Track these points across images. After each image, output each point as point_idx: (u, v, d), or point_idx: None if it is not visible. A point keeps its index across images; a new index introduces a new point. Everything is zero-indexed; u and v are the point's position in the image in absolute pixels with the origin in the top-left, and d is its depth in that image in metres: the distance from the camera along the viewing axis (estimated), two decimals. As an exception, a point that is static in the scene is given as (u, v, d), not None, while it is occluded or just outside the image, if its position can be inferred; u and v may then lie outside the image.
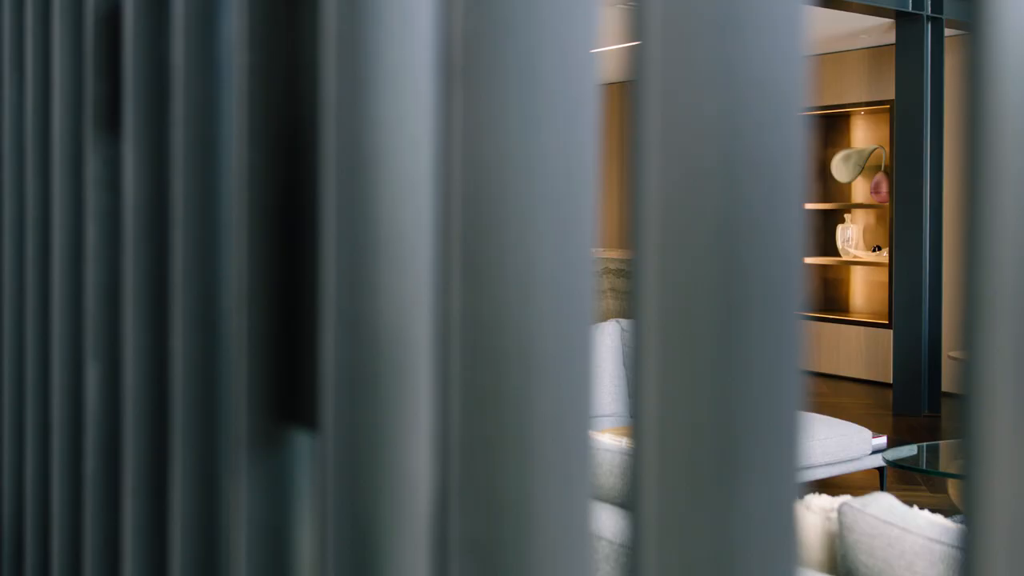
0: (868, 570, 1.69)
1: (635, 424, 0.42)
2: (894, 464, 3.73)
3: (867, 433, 4.49)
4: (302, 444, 0.62)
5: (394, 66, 0.50)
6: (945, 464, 3.86)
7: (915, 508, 1.79)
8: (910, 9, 6.65)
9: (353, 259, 0.52)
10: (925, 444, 4.30)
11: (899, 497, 5.03)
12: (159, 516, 0.73)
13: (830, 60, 8.42)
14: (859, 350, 8.19)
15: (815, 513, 1.86)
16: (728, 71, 0.38)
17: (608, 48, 8.73)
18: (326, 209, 0.52)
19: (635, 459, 0.40)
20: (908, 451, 4.37)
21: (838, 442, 4.37)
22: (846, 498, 1.79)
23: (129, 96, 0.74)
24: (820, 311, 8.80)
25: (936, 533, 1.63)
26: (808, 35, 0.44)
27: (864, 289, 8.79)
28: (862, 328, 8.19)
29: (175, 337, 0.70)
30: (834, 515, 1.80)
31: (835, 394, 7.63)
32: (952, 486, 3.70)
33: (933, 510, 4.70)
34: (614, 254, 7.63)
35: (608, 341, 4.59)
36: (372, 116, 0.51)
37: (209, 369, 0.68)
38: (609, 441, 2.26)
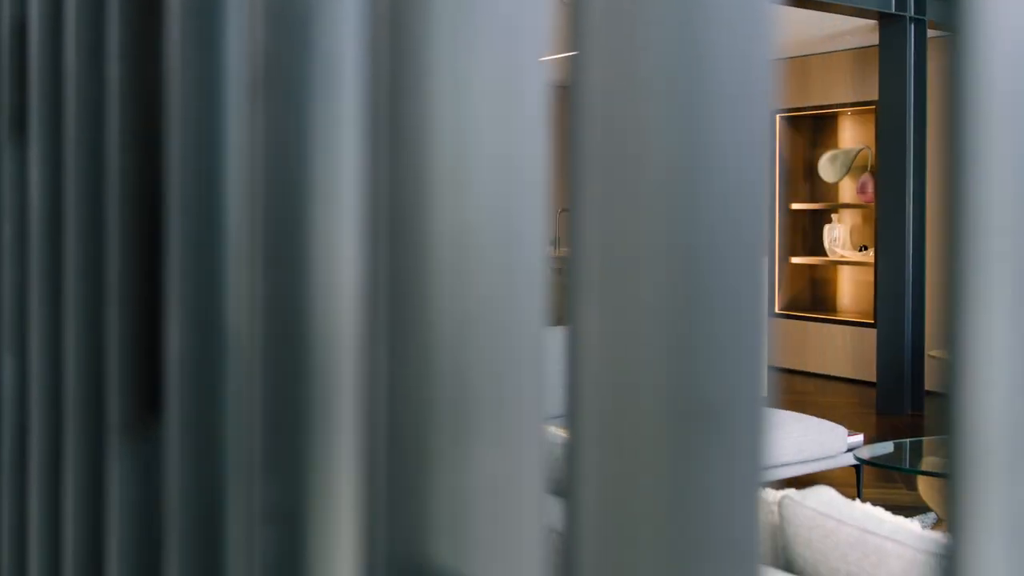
0: (805, 561, 1.73)
1: (572, 417, 0.38)
2: (864, 462, 3.77)
3: (842, 431, 4.53)
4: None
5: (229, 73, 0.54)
6: (915, 462, 3.91)
7: (856, 502, 1.83)
8: (893, 10, 6.69)
9: (198, 256, 0.56)
10: (898, 441, 4.34)
11: (875, 494, 5.08)
12: (57, 502, 0.78)
13: (817, 61, 8.47)
14: (845, 349, 8.24)
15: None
16: (680, 78, 0.36)
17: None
18: (172, 209, 0.56)
19: (572, 450, 0.39)
20: (883, 449, 4.41)
21: (813, 440, 4.41)
22: (788, 492, 1.83)
23: (32, 103, 0.79)
24: (807, 311, 8.85)
25: (870, 525, 1.67)
26: (777, 37, 0.41)
27: (851, 289, 8.83)
28: (848, 328, 8.24)
29: (68, 330, 0.74)
30: (776, 508, 1.84)
31: (821, 393, 7.67)
32: (921, 483, 3.74)
33: (908, 507, 4.76)
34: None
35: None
36: (213, 120, 0.55)
37: (96, 361, 0.72)
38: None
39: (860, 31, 7.43)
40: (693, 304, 0.37)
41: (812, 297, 9.04)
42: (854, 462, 4.27)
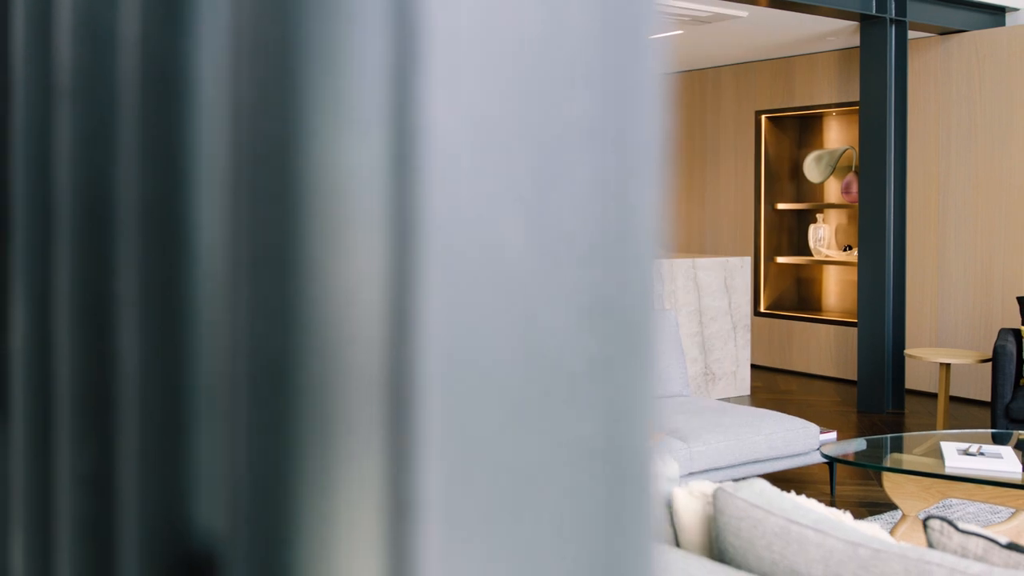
0: (735, 550, 1.78)
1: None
2: (830, 458, 3.82)
3: (814, 428, 4.58)
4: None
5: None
6: (882, 459, 3.95)
7: (790, 494, 1.88)
8: (873, 12, 6.74)
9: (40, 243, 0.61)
10: (871, 438, 4.38)
11: (848, 491, 5.10)
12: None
13: (801, 62, 8.51)
14: (829, 348, 8.28)
15: (696, 498, 1.94)
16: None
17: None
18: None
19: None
20: (856, 446, 4.46)
21: (784, 437, 4.46)
22: (723, 484, 1.88)
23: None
24: (793, 310, 8.89)
25: (796, 516, 1.72)
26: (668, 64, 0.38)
27: (836, 288, 8.89)
28: (832, 327, 8.28)
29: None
30: (711, 500, 1.89)
31: (804, 392, 7.72)
32: (886, 479, 3.79)
33: (882, 503, 4.77)
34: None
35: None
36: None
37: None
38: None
39: (843, 32, 7.48)
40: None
41: (798, 296, 9.09)
42: (822, 459, 4.31)
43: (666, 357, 4.96)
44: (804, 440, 4.51)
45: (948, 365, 5.95)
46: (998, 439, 4.29)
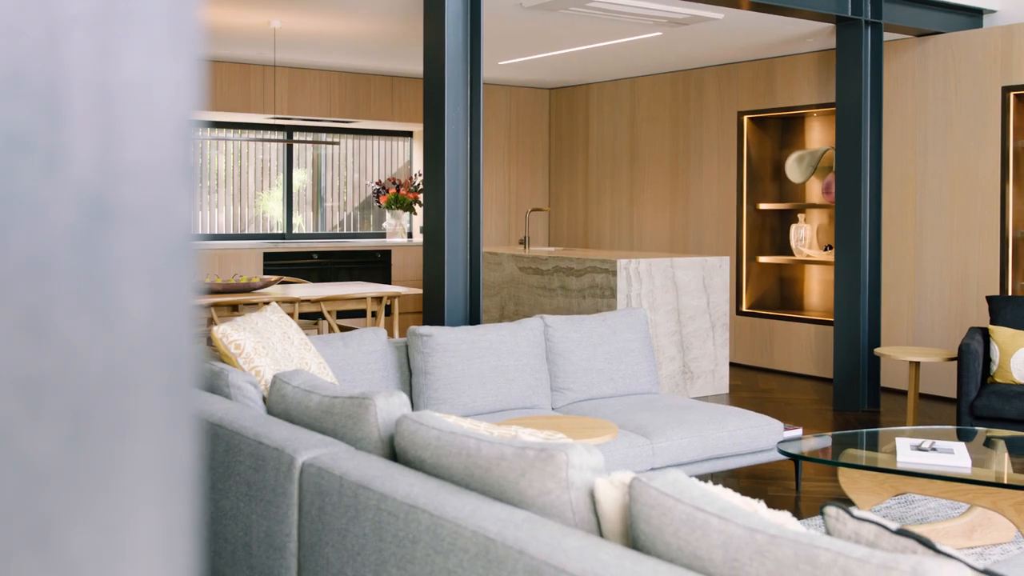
0: (646, 537, 1.85)
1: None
2: (785, 454, 3.90)
3: (778, 425, 4.65)
4: None
5: None
6: (839, 455, 4.02)
7: (706, 484, 1.95)
8: (849, 14, 6.81)
9: None
10: (836, 434, 4.45)
11: (813, 487, 5.16)
12: None
13: (783, 63, 8.58)
14: (810, 347, 8.35)
15: (617, 488, 2.02)
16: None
17: (555, 53, 8.77)
18: None
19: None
20: (820, 442, 4.52)
21: (748, 433, 4.53)
22: (639, 474, 1.95)
23: None
24: (776, 309, 8.97)
25: (703, 504, 1.79)
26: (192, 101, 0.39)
27: (818, 287, 8.96)
28: (812, 326, 8.35)
29: None
30: (627, 489, 1.96)
31: (784, 390, 7.79)
32: (841, 474, 3.86)
33: (842, 498, 4.83)
34: (566, 253, 7.78)
35: (531, 336, 4.75)
36: None
37: None
38: (455, 423, 2.42)
39: (822, 34, 7.55)
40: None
41: (780, 296, 9.16)
42: (780, 456, 4.38)
43: (635, 355, 5.04)
44: (768, 436, 4.58)
45: (918, 364, 6.02)
46: (963, 436, 4.37)
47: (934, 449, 3.78)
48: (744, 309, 8.94)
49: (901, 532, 1.67)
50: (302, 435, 2.67)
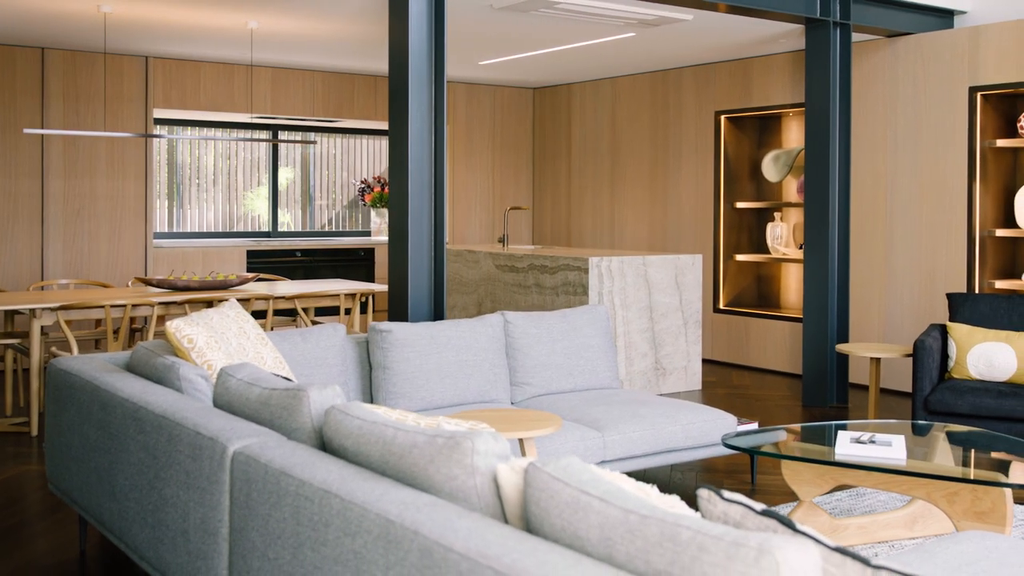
0: (535, 519, 1.95)
1: None
2: (729, 446, 3.99)
3: (732, 419, 4.74)
4: None
5: None
6: (782, 448, 4.11)
7: (595, 468, 2.05)
8: (818, 15, 6.90)
9: None
10: (790, 427, 4.53)
11: (769, 480, 5.26)
12: None
13: (758, 63, 8.67)
14: (784, 344, 8.45)
15: (517, 473, 2.11)
16: None
17: (533, 54, 8.88)
18: None
19: None
20: (773, 436, 4.61)
21: (701, 427, 4.62)
22: (534, 460, 2.05)
23: None
24: (753, 307, 9.06)
25: (588, 488, 1.88)
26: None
27: (793, 285, 9.05)
28: (787, 323, 8.45)
29: None
30: (523, 474, 2.05)
31: (757, 387, 7.88)
32: (784, 467, 3.95)
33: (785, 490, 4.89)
34: (542, 251, 7.88)
35: (491, 331, 4.84)
36: None
37: None
38: (381, 413, 2.51)
39: (794, 34, 7.63)
40: None
41: (757, 293, 9.25)
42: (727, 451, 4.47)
43: (595, 351, 5.13)
44: (722, 430, 4.68)
45: (878, 360, 6.12)
46: (917, 430, 4.46)
47: (873, 442, 3.87)
48: (721, 307, 9.03)
49: (766, 513, 1.76)
50: (238, 425, 2.77)
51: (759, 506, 1.79)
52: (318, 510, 2.21)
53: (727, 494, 1.84)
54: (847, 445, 3.86)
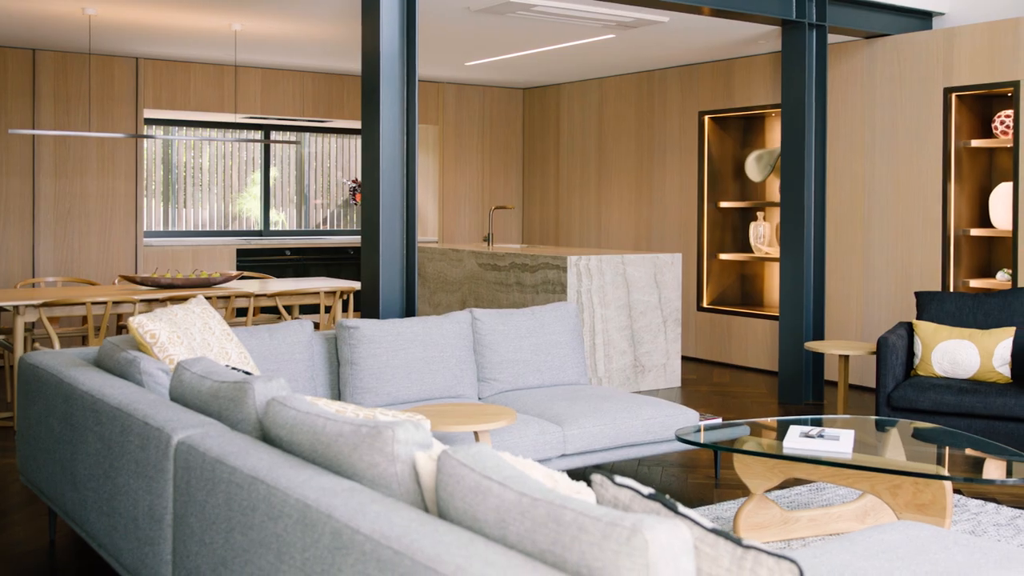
0: (444, 503, 2.05)
1: None
2: (682, 440, 4.07)
3: (693, 414, 4.83)
4: None
5: None
6: (736, 443, 4.20)
7: (513, 457, 2.14)
8: (794, 17, 6.98)
9: None
10: (751, 422, 4.62)
11: (730, 474, 5.33)
12: None
13: (740, 64, 8.75)
14: (765, 342, 8.53)
15: (433, 461, 2.21)
16: None
17: (517, 55, 8.98)
18: None
19: None
20: (734, 431, 4.70)
21: (663, 422, 4.71)
22: (447, 447, 2.14)
23: None
24: (736, 305, 9.14)
25: (492, 473, 1.98)
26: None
27: (775, 284, 9.12)
28: (767, 321, 8.53)
29: None
30: (436, 461, 2.15)
31: (736, 384, 7.96)
32: (737, 461, 4.04)
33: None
34: (524, 250, 7.97)
35: (458, 328, 4.94)
36: None
37: None
38: (324, 407, 2.61)
39: (773, 36, 7.72)
40: None
41: (740, 292, 9.34)
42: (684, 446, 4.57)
43: (563, 348, 5.23)
44: (684, 425, 4.76)
45: (847, 357, 6.20)
46: (880, 425, 4.55)
47: (821, 436, 3.96)
48: (705, 305, 9.12)
49: (652, 496, 1.86)
50: (185, 416, 2.88)
51: (647, 490, 1.89)
52: (247, 496, 2.31)
53: (618, 479, 1.93)
54: (795, 439, 3.95)
